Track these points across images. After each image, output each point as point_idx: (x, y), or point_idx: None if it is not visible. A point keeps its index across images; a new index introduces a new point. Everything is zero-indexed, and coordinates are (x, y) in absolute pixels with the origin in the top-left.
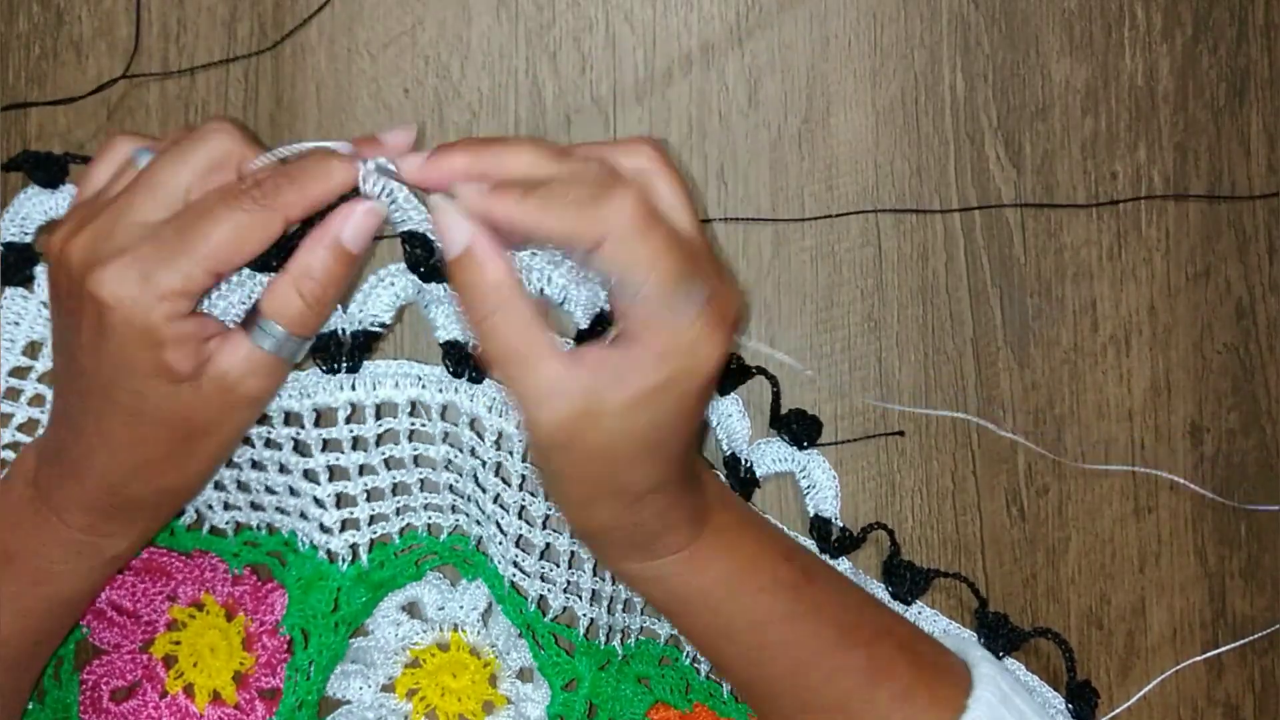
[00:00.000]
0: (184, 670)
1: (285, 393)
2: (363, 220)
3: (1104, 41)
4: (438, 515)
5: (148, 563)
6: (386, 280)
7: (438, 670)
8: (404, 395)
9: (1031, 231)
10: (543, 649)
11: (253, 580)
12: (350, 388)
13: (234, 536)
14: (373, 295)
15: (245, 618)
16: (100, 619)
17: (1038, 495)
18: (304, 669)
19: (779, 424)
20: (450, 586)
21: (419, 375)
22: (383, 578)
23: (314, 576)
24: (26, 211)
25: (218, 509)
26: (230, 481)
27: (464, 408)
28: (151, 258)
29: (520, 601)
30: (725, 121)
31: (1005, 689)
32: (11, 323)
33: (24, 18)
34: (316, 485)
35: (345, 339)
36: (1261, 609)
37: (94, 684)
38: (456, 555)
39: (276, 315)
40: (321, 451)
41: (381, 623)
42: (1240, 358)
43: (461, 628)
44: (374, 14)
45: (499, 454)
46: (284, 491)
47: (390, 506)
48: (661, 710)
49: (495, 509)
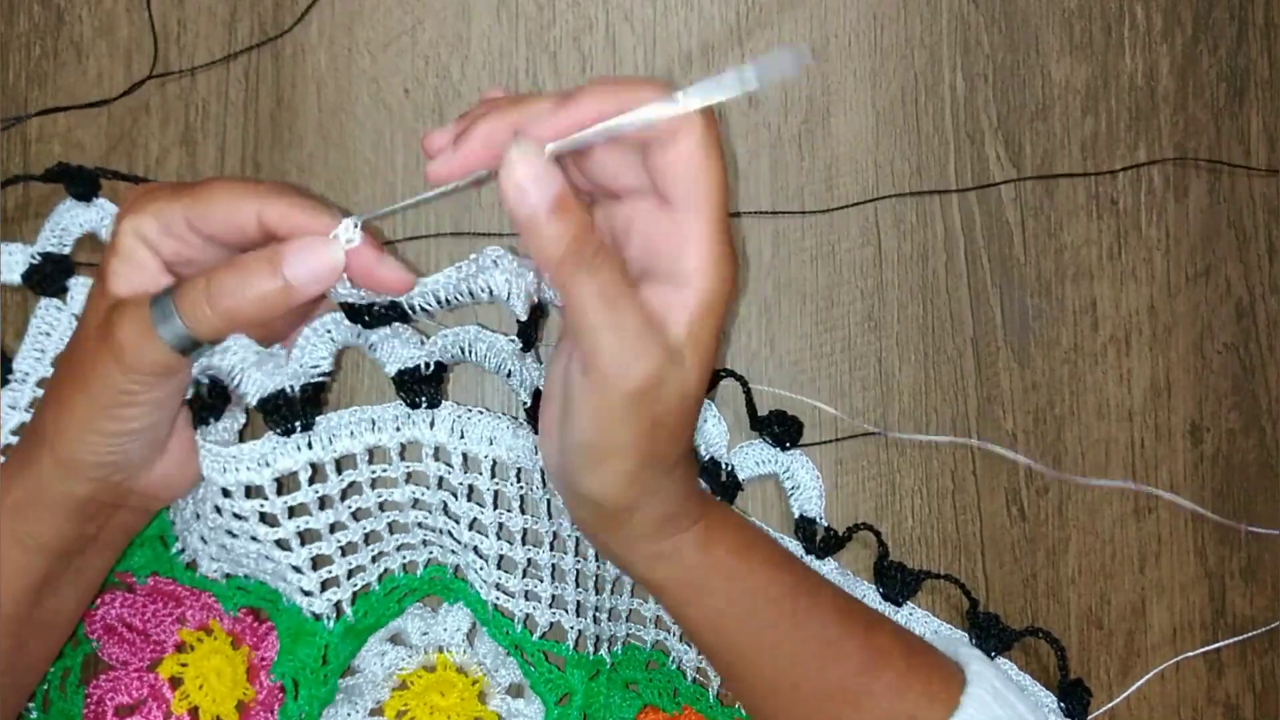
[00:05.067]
0: (189, 692)
1: (244, 465)
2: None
3: (1104, 41)
4: (411, 553)
5: (156, 588)
6: (320, 331)
7: (425, 690)
8: (360, 444)
9: (1031, 231)
10: (533, 667)
11: (250, 620)
12: (307, 446)
13: (226, 582)
14: (309, 348)
15: (248, 649)
16: (110, 634)
17: (1038, 495)
18: (294, 719)
19: (760, 426)
20: (431, 613)
21: (372, 419)
22: (368, 625)
23: (301, 631)
24: (65, 224)
25: (204, 561)
26: (211, 539)
27: (425, 439)
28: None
29: (506, 623)
30: (725, 121)
31: (998, 685)
32: (43, 333)
33: (24, 18)
34: (289, 553)
35: (294, 394)
36: (1261, 609)
37: (99, 699)
38: (436, 585)
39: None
40: (289, 519)
41: (366, 657)
42: (1240, 357)
43: (447, 649)
44: (374, 14)
45: (468, 475)
46: (259, 557)
47: (366, 557)
48: (650, 714)
49: (472, 535)
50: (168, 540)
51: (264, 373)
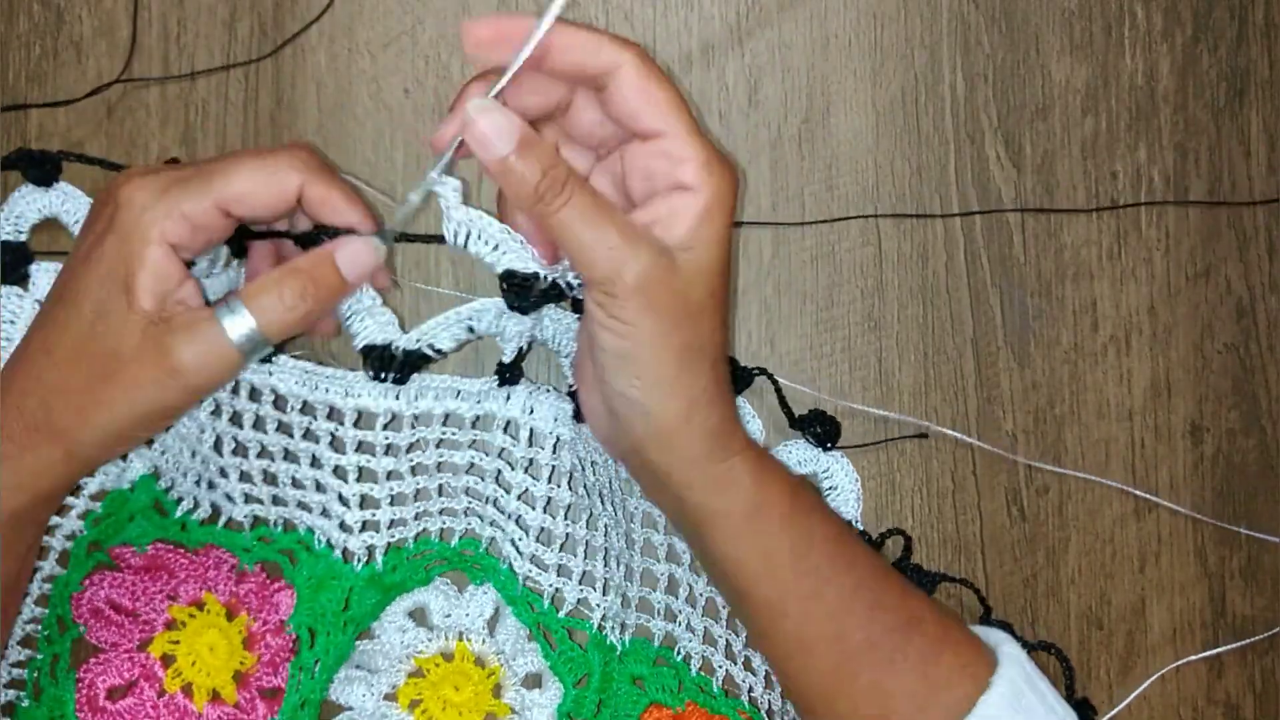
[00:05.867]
0: (182, 669)
1: (331, 388)
2: (362, 252)
3: (1104, 41)
4: (451, 520)
5: (152, 559)
6: (465, 318)
7: (441, 682)
8: (441, 408)
9: (1031, 232)
10: (555, 647)
11: (261, 578)
12: (394, 397)
13: (249, 531)
14: (439, 331)
15: (248, 617)
16: (98, 618)
17: (1038, 495)
18: (309, 668)
19: (800, 425)
20: (457, 593)
21: (458, 389)
22: (393, 581)
23: (326, 575)
24: (21, 210)
25: (238, 501)
26: (257, 472)
27: (499, 413)
28: (174, 180)
29: (535, 599)
30: (725, 121)
31: (1029, 670)
32: (7, 321)
33: (24, 17)
34: (344, 483)
35: (398, 354)
36: (1261, 609)
37: (90, 682)
38: (466, 561)
39: (254, 306)
40: (355, 452)
41: (388, 628)
42: (1240, 358)
43: (467, 636)
44: (374, 14)
45: (531, 450)
46: (310, 486)
47: (410, 512)
48: (655, 711)
49: (519, 505)
50: (165, 507)
51: (377, 323)
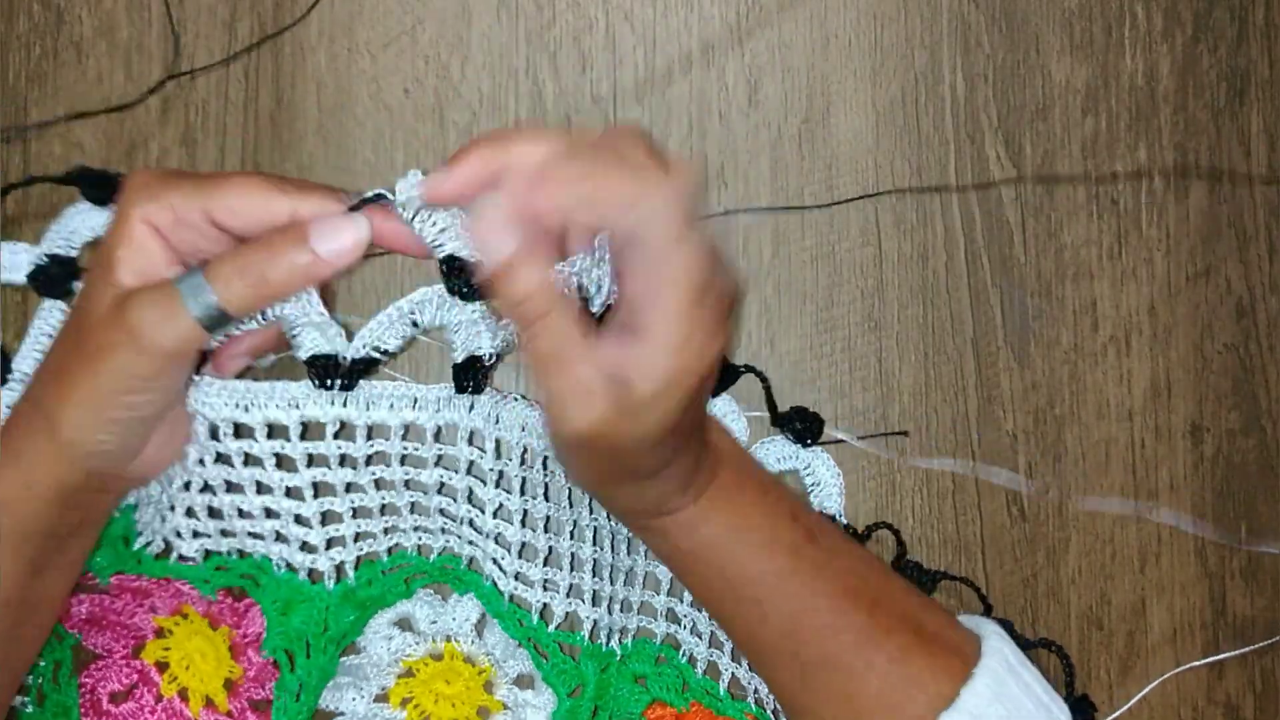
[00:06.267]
0: (177, 674)
1: (272, 402)
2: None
3: (1104, 41)
4: (428, 537)
5: (120, 585)
6: (406, 313)
7: (431, 678)
8: (398, 419)
9: (1032, 231)
10: (547, 659)
11: (228, 601)
12: (343, 404)
13: (204, 563)
14: (385, 327)
15: (229, 629)
16: (91, 625)
17: (1038, 495)
18: (293, 690)
19: (781, 422)
20: (441, 601)
21: (415, 397)
22: (370, 595)
23: (294, 598)
24: (75, 226)
25: (186, 537)
26: (201, 508)
27: (462, 423)
28: (175, 176)
29: (522, 614)
30: (725, 121)
31: (1013, 661)
32: (45, 335)
33: (24, 18)
34: (300, 502)
35: (344, 363)
36: (1261, 609)
37: (92, 687)
38: (447, 574)
39: (212, 274)
40: (308, 467)
41: (373, 639)
42: (1240, 357)
43: (455, 638)
44: (374, 14)
45: (499, 462)
46: (259, 514)
47: (378, 526)
48: (658, 709)
49: (497, 522)
50: (130, 539)
51: (324, 336)
